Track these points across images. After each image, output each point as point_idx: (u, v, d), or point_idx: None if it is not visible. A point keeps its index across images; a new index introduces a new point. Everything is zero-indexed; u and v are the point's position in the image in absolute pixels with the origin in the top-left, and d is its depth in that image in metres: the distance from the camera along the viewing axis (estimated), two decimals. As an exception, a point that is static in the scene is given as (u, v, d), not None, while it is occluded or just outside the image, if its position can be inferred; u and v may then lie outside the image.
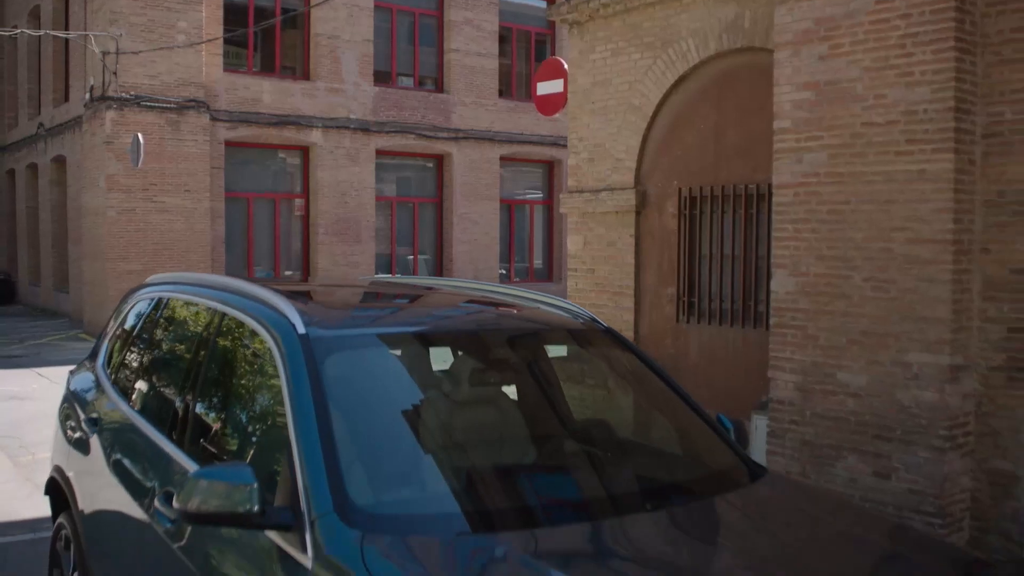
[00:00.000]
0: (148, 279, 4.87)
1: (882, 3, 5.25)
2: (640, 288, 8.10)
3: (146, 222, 16.94)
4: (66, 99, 20.49)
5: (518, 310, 3.94)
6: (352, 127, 19.13)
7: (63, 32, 19.19)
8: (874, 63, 5.29)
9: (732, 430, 3.55)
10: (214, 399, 3.49)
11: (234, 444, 3.28)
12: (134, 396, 4.11)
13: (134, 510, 3.49)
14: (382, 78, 19.98)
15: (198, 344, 3.71)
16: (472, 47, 20.89)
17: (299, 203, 19.21)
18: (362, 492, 2.67)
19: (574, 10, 8.43)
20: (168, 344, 4.20)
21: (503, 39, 21.87)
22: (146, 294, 4.63)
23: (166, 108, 16.90)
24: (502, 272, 21.82)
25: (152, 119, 16.78)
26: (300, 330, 3.04)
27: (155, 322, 4.37)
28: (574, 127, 8.65)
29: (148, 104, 16.75)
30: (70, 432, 4.60)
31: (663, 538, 2.86)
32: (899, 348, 5.20)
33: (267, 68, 18.90)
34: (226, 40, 17.82)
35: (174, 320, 4.24)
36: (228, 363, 3.53)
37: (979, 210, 5.15)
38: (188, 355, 3.78)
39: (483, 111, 21.07)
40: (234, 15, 17.94)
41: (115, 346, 4.69)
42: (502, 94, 21.66)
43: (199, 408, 3.47)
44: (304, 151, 19.09)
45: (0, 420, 9.88)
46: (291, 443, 2.72)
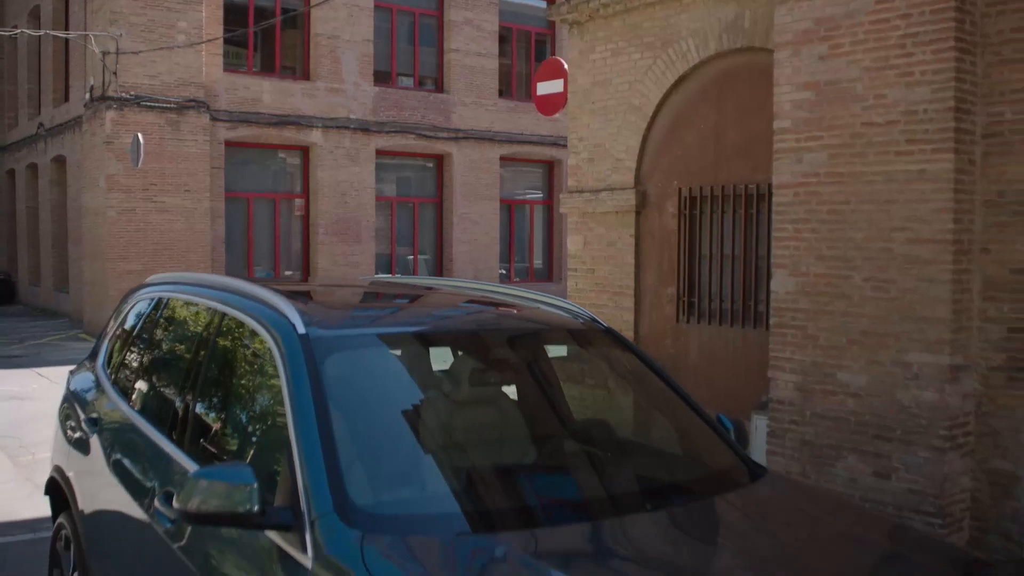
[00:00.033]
0: (148, 279, 4.86)
1: (882, 3, 5.25)
2: (640, 288, 8.10)
3: (146, 222, 16.94)
4: (66, 99, 20.49)
5: (518, 310, 3.93)
6: (352, 127, 19.13)
7: (63, 32, 19.19)
8: (874, 63, 5.29)
9: (732, 430, 3.55)
10: (214, 399, 3.49)
11: (234, 444, 3.28)
12: (134, 396, 4.11)
13: (134, 510, 3.49)
14: (382, 78, 19.98)
15: (198, 344, 3.71)
16: (472, 47, 20.89)
17: (299, 203, 19.21)
18: (362, 492, 2.67)
19: (574, 10, 8.43)
20: (168, 344, 4.20)
21: (503, 39, 21.87)
22: (146, 294, 4.63)
23: (166, 108, 16.90)
24: (502, 272, 21.82)
25: (152, 119, 16.78)
26: (300, 330, 3.04)
27: (155, 322, 4.37)
28: (574, 127, 8.65)
29: (148, 104, 16.75)
30: (70, 432, 4.60)
31: (663, 538, 2.86)
32: (899, 348, 5.20)
33: (267, 68, 18.90)
34: (226, 40, 17.81)
35: (174, 320, 4.24)
36: (228, 363, 3.53)
37: (979, 210, 5.15)
38: (188, 355, 3.78)
39: (483, 111, 21.07)
40: (234, 15, 17.94)
41: (115, 346, 4.69)
42: (502, 94, 21.66)
43: (199, 408, 3.47)
44: (304, 151, 19.09)
45: (0, 420, 9.88)
46: (291, 443, 2.72)
